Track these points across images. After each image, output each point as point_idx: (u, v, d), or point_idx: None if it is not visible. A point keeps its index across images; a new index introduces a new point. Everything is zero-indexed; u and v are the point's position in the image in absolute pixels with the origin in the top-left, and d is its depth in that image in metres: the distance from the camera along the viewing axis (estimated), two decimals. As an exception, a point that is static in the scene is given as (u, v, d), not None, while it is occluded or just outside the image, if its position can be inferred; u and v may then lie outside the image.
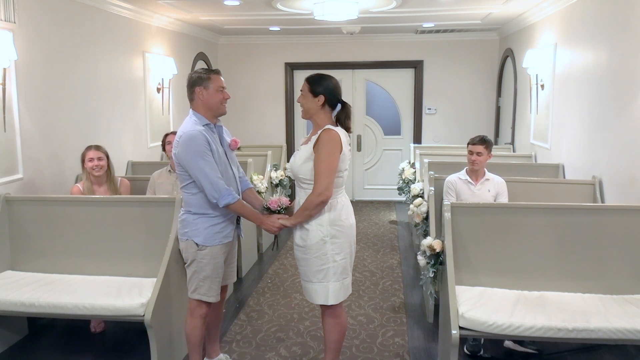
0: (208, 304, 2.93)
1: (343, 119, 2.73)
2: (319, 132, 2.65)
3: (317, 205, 2.62)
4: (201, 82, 2.78)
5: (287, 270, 5.01)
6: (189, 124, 2.78)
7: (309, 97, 2.69)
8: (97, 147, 3.87)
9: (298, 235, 2.76)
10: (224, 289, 3.09)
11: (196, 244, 2.83)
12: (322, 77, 2.71)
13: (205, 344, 3.13)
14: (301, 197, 2.73)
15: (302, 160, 2.68)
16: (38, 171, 4.02)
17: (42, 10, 4.04)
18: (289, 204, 2.87)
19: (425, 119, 7.92)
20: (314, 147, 2.64)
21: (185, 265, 2.94)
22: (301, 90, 2.74)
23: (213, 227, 2.83)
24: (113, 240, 3.46)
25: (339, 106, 2.73)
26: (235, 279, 3.21)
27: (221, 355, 3.23)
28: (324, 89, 2.67)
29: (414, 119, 7.97)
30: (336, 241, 2.69)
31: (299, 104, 2.77)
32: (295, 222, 2.73)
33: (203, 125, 2.77)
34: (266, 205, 2.89)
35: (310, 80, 2.71)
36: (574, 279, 3.15)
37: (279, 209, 2.85)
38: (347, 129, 2.74)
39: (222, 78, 2.85)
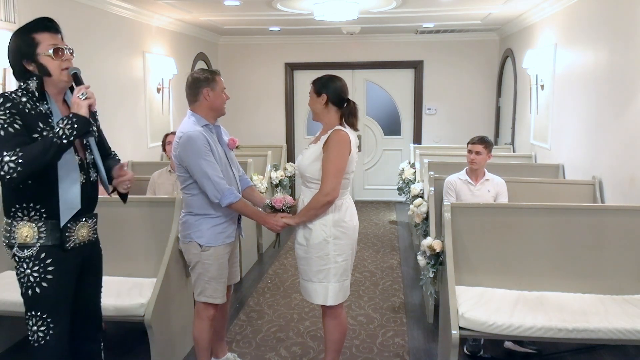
0: (215, 305, 2.91)
1: (349, 117, 2.74)
2: (329, 132, 2.66)
3: (324, 205, 2.63)
4: (208, 83, 2.77)
5: (287, 270, 5.01)
6: (188, 124, 2.76)
7: (314, 97, 2.74)
8: None
9: (301, 233, 2.76)
10: (227, 288, 3.07)
11: (200, 245, 2.80)
12: (325, 78, 2.75)
13: (212, 344, 3.09)
14: (306, 196, 2.73)
15: (311, 159, 2.69)
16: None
17: (42, 10, 4.03)
18: (294, 203, 2.86)
19: (425, 119, 7.92)
20: (323, 147, 2.65)
21: (190, 268, 2.92)
22: (309, 93, 2.79)
23: (215, 227, 2.81)
24: (113, 241, 3.44)
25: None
26: (238, 278, 3.20)
27: (229, 355, 3.21)
28: (326, 88, 2.71)
29: (413, 119, 7.97)
30: (338, 242, 2.69)
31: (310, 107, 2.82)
32: (299, 221, 2.73)
33: (202, 126, 2.76)
34: (270, 203, 2.87)
35: (314, 81, 2.77)
36: (574, 279, 3.15)
37: (283, 207, 2.83)
38: (352, 126, 2.75)
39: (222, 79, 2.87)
